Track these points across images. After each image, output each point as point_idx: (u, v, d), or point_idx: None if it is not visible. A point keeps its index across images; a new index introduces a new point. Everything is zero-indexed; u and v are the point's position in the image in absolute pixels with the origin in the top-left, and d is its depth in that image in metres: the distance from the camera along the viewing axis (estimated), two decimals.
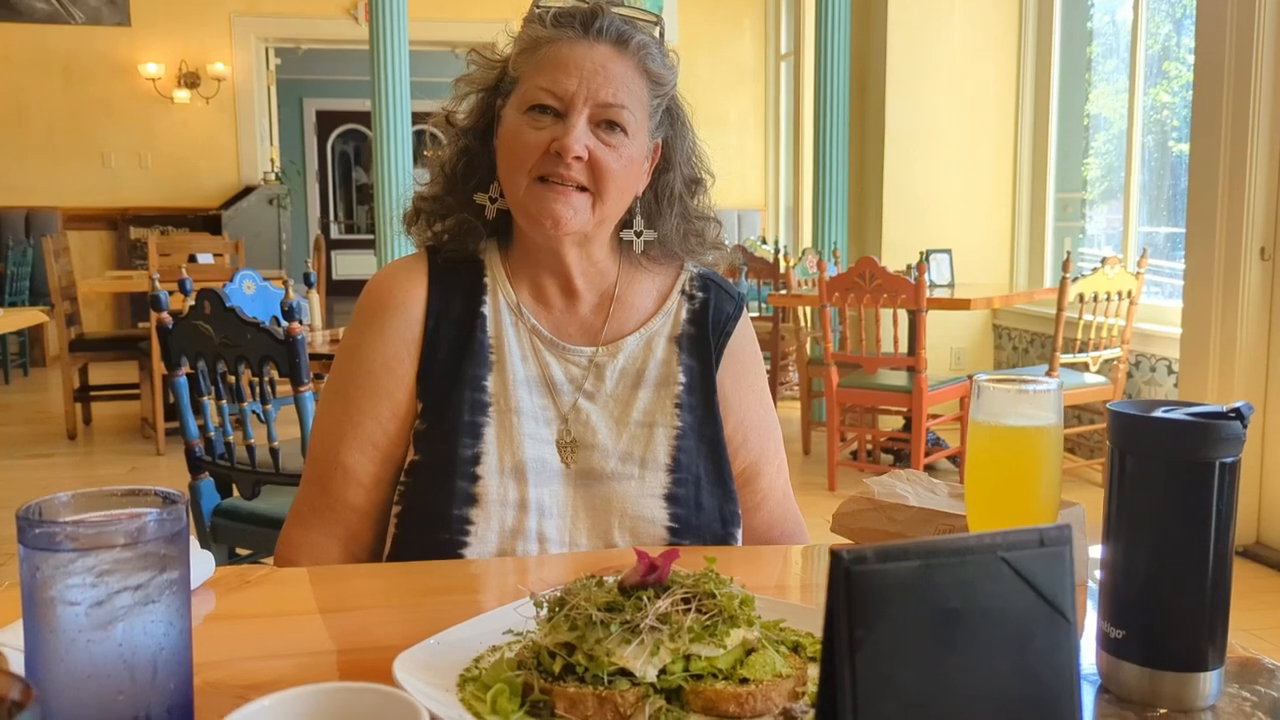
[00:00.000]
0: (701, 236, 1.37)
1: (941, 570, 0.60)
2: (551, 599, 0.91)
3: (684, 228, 1.36)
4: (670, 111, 1.33)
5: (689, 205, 1.37)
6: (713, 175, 1.40)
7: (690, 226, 1.36)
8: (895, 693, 0.59)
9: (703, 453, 1.27)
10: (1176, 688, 0.88)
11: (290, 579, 1.26)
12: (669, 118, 1.33)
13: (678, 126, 1.34)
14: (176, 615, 0.80)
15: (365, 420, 1.29)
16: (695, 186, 1.34)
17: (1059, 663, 0.62)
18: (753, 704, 0.84)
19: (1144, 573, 0.88)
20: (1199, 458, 0.85)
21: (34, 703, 0.51)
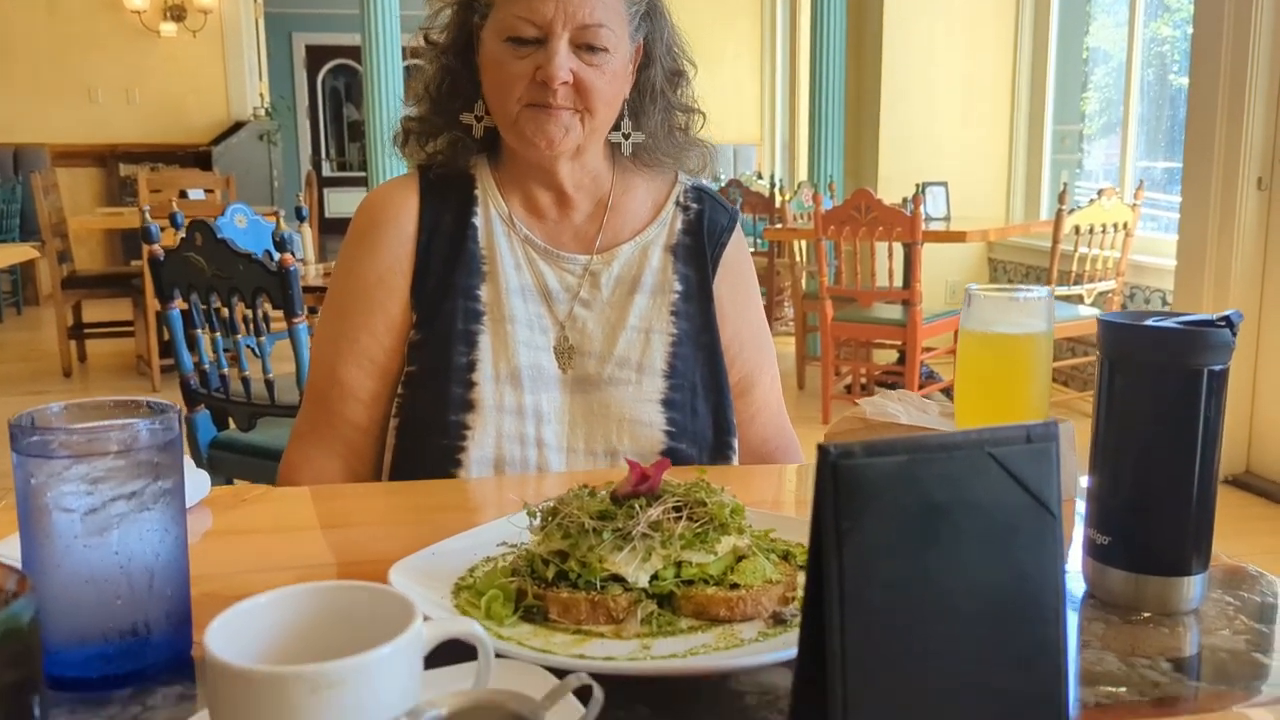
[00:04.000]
0: (686, 130, 1.38)
1: (928, 465, 0.61)
2: (545, 509, 0.92)
3: (668, 121, 1.37)
4: (648, 11, 1.32)
5: (672, 98, 1.37)
6: (695, 65, 1.39)
7: (674, 119, 1.37)
8: (881, 585, 0.60)
9: (699, 360, 1.29)
10: (1161, 592, 0.89)
11: (287, 497, 1.27)
12: (647, 18, 1.32)
13: (656, 21, 1.33)
14: (171, 523, 0.80)
15: (361, 336, 1.30)
16: (677, 79, 1.35)
17: (1044, 558, 0.63)
18: (743, 608, 0.86)
19: (1131, 480, 0.89)
20: (1188, 365, 0.86)
21: (30, 592, 0.51)
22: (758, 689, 0.79)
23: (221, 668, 0.57)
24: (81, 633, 0.77)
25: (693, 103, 1.40)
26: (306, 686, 0.56)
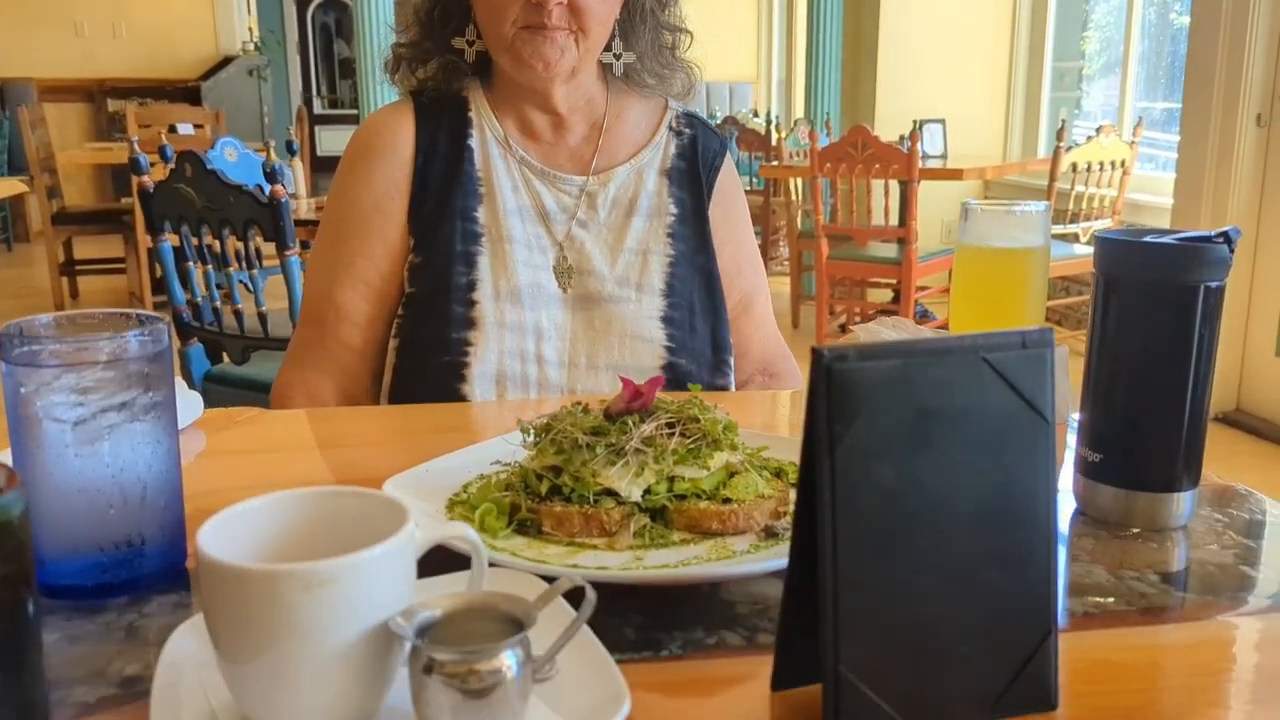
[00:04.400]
0: (674, 49, 1.40)
1: (922, 369, 0.60)
2: (538, 425, 0.92)
3: (657, 41, 1.37)
4: None
5: (660, 17, 1.38)
6: None
7: (662, 39, 1.38)
8: (873, 488, 0.60)
9: (696, 281, 1.32)
10: (1150, 508, 0.90)
11: (280, 418, 1.26)
12: None
13: None
14: (163, 435, 0.80)
15: (357, 259, 1.30)
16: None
17: (1036, 463, 0.63)
18: (734, 522, 0.86)
19: (1125, 396, 0.89)
20: (1185, 280, 0.85)
21: (19, 487, 0.51)
22: (749, 599, 0.79)
23: (214, 566, 0.57)
24: (76, 543, 0.77)
25: (680, 22, 1.41)
26: (299, 584, 0.56)
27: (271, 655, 0.57)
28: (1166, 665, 0.71)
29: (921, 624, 0.61)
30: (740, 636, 0.74)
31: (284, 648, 0.57)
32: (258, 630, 0.57)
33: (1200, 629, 0.75)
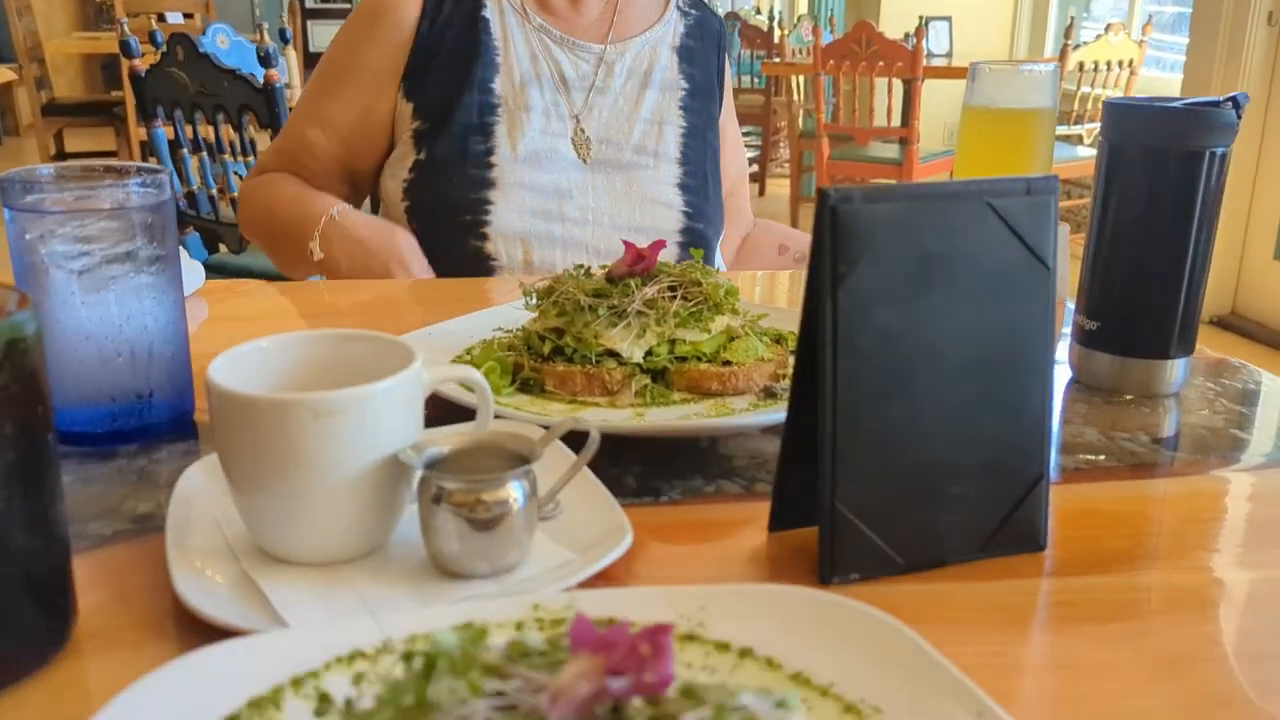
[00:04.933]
0: None
1: (926, 212, 0.61)
2: (540, 288, 0.93)
3: None
4: None
5: None
6: None
7: None
8: (874, 329, 0.61)
9: (706, 154, 1.36)
10: (1145, 375, 0.91)
11: (284, 290, 1.27)
12: None
13: None
14: (169, 286, 0.81)
15: (333, 105, 1.32)
16: None
17: (1035, 310, 0.64)
18: (734, 383, 0.87)
19: (1125, 264, 0.89)
20: (1191, 145, 0.85)
21: (31, 308, 0.52)
22: (747, 453, 0.81)
23: (225, 396, 0.58)
24: (86, 391, 0.78)
25: None
26: (308, 414, 0.57)
27: (282, 486, 0.59)
28: (1154, 515, 0.73)
29: (917, 465, 0.63)
30: (738, 485, 0.75)
31: (294, 478, 0.58)
32: (268, 460, 0.58)
33: (1189, 483, 0.77)
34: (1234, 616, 0.61)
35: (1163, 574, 0.65)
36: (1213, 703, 0.53)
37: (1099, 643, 0.57)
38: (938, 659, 0.49)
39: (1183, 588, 0.63)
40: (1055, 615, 0.60)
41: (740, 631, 0.53)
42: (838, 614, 0.53)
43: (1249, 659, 0.56)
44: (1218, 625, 0.60)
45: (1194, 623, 0.60)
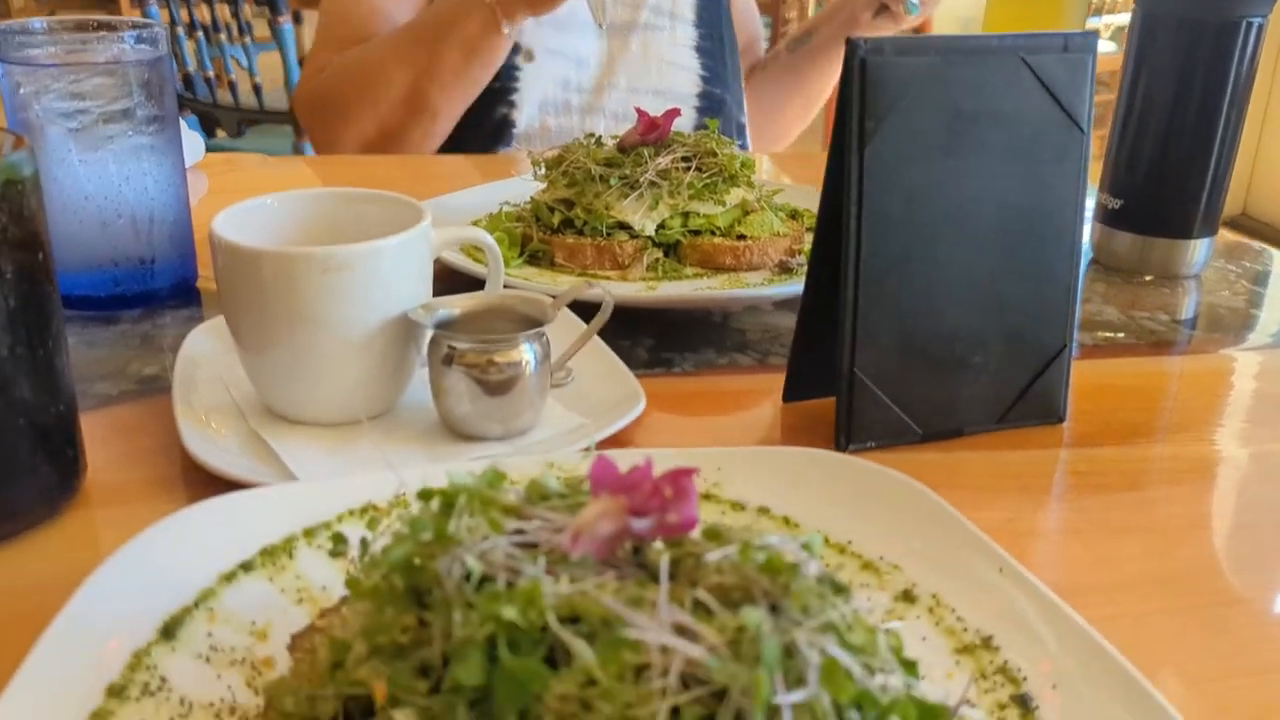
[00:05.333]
0: None
1: (960, 68, 0.58)
2: (550, 158, 0.90)
3: None
4: None
5: None
6: None
7: None
8: (900, 191, 0.59)
9: (722, 18, 1.35)
10: (1166, 255, 0.89)
11: (285, 164, 1.24)
12: None
13: None
14: (167, 148, 0.78)
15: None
16: None
17: (1067, 173, 0.62)
18: (749, 257, 0.85)
19: (1153, 141, 0.87)
20: (1228, 15, 0.82)
21: (27, 149, 0.50)
22: (760, 327, 0.80)
23: (231, 250, 0.57)
24: (88, 254, 0.77)
25: None
26: (316, 267, 0.55)
27: (290, 343, 0.58)
28: (1170, 389, 0.72)
29: (938, 332, 0.61)
30: (752, 358, 0.74)
31: (302, 335, 0.57)
32: (275, 317, 0.57)
33: (1205, 361, 0.76)
34: (1244, 487, 0.61)
35: (1177, 446, 0.64)
36: (1223, 568, 0.52)
37: (1114, 510, 0.57)
38: (958, 518, 0.48)
39: (1196, 459, 0.63)
40: (1072, 484, 0.60)
41: (756, 492, 0.52)
42: (855, 475, 0.52)
43: (1257, 527, 0.56)
44: (1229, 495, 0.60)
45: (1206, 492, 0.60)
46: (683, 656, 0.30)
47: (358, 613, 0.36)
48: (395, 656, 0.33)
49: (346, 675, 0.34)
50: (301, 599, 0.45)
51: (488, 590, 0.31)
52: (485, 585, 0.32)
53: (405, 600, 0.34)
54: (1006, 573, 0.45)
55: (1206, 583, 0.51)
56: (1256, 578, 0.52)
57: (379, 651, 0.34)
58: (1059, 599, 0.43)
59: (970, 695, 0.40)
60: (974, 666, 0.42)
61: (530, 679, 0.30)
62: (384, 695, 0.32)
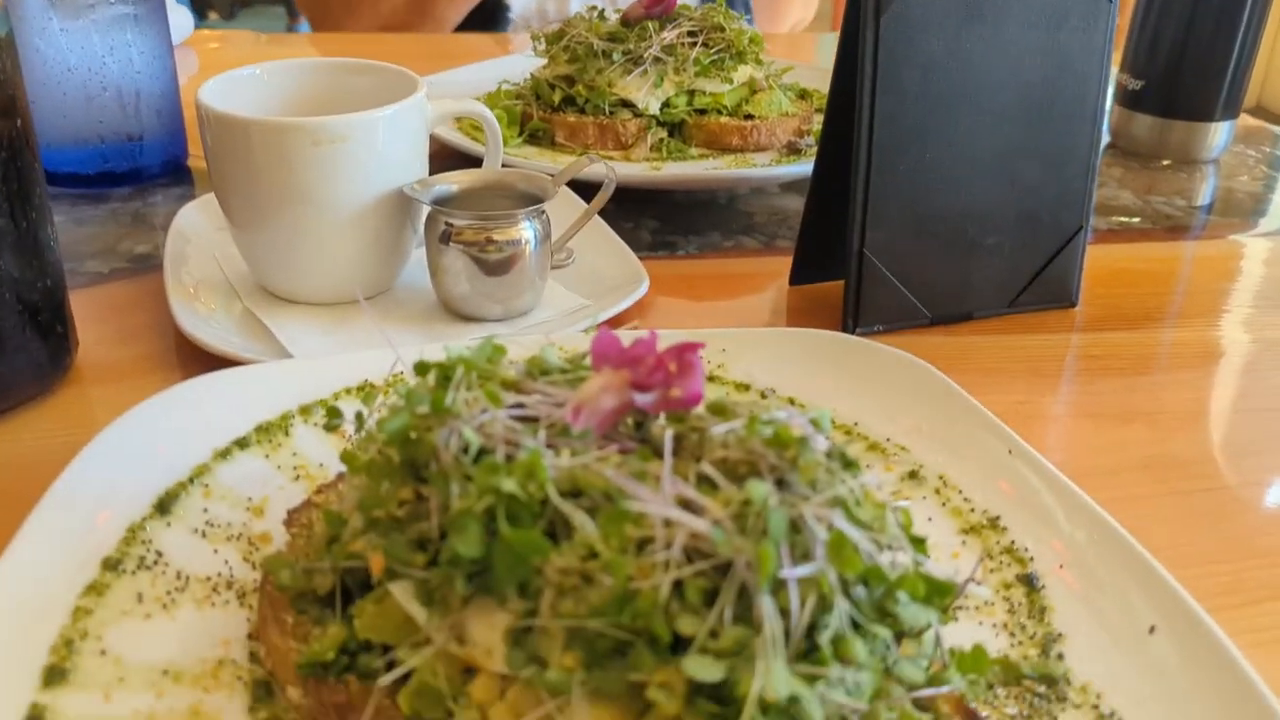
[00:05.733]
0: None
1: None
2: (550, 32, 0.87)
3: None
4: None
5: None
6: None
7: None
8: (917, 63, 0.56)
9: None
10: (1185, 138, 0.86)
11: (281, 41, 1.20)
12: None
13: None
14: (152, 19, 0.75)
15: None
16: None
17: (1092, 45, 0.59)
18: (756, 137, 0.83)
19: (1179, 15, 0.83)
20: None
21: (3, 10, 0.47)
22: (767, 210, 0.78)
23: (220, 120, 0.54)
24: (74, 130, 0.74)
25: None
26: (308, 138, 0.53)
27: (283, 220, 0.56)
28: (1183, 274, 0.71)
29: (952, 212, 0.60)
30: (758, 241, 0.73)
31: (295, 211, 0.55)
32: (266, 192, 0.55)
33: (1219, 245, 0.74)
34: (1253, 372, 0.60)
35: (1188, 332, 0.63)
36: (1231, 451, 0.52)
37: (1124, 395, 0.56)
38: (967, 399, 0.47)
39: (1207, 344, 0.62)
40: (1082, 368, 0.59)
41: (761, 373, 0.51)
42: (863, 356, 0.51)
43: (1265, 411, 0.55)
44: (1238, 380, 0.59)
45: (1215, 377, 0.59)
46: (686, 530, 0.29)
47: (354, 487, 0.36)
48: (392, 530, 0.32)
49: (343, 548, 0.33)
50: (298, 476, 0.44)
51: (486, 462, 0.30)
52: (483, 458, 0.31)
53: (402, 474, 0.33)
54: (1015, 454, 0.44)
55: (1215, 466, 0.50)
56: (1264, 461, 0.51)
57: (375, 525, 0.33)
58: (1068, 479, 0.42)
59: (976, 574, 0.40)
60: (980, 546, 0.41)
61: (530, 551, 0.30)
62: (381, 568, 0.31)
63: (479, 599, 0.31)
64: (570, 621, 0.29)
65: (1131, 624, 0.37)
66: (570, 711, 0.30)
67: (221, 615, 0.37)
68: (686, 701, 0.28)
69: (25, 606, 0.36)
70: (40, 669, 0.34)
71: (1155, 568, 0.38)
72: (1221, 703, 0.33)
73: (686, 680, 0.28)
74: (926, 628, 0.32)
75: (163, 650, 0.36)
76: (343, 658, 0.33)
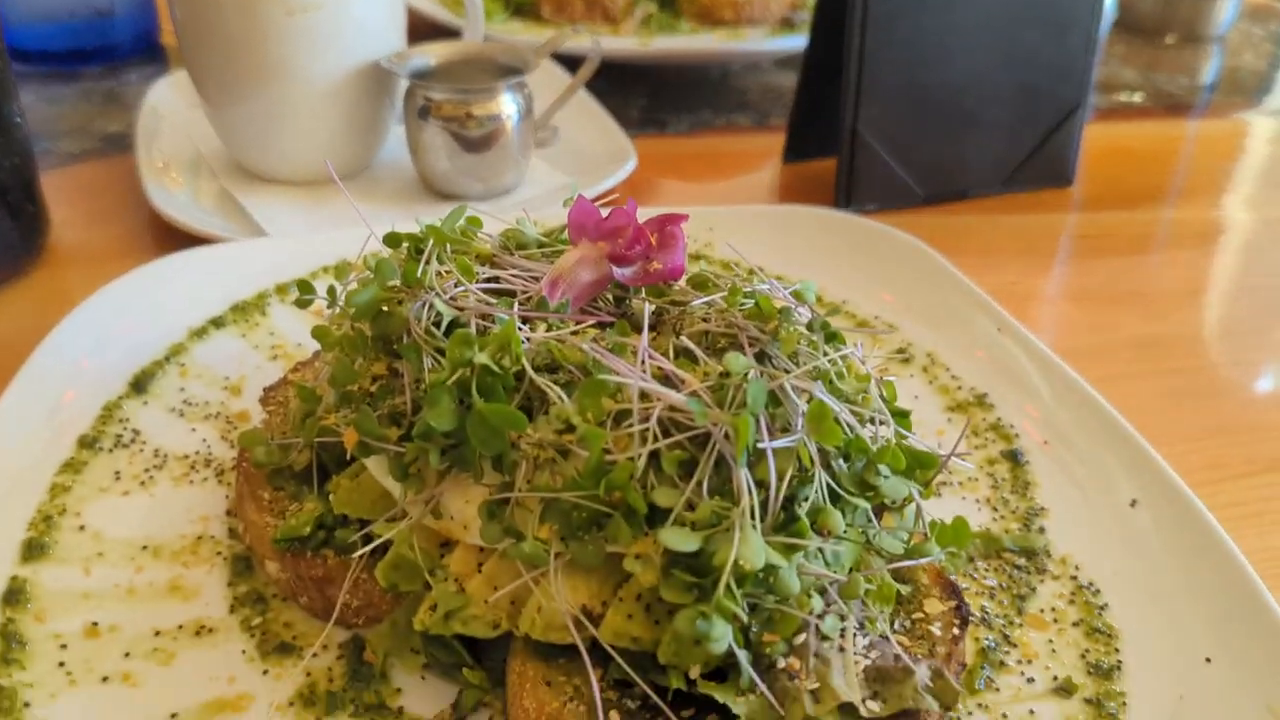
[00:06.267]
0: None
1: None
2: None
3: None
4: None
5: None
6: None
7: None
8: None
9: None
10: (1191, 13, 0.83)
11: None
12: None
13: None
14: None
15: None
16: None
17: None
18: (749, 11, 0.80)
19: None
20: None
21: None
22: (761, 87, 0.75)
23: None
24: (44, 5, 0.72)
25: None
26: (281, 7, 0.51)
27: (257, 95, 0.54)
28: (1185, 153, 0.69)
29: (949, 86, 0.58)
30: (750, 119, 0.71)
31: (271, 86, 0.53)
32: (240, 65, 0.53)
33: (1221, 125, 0.73)
34: (1251, 252, 0.59)
35: (1187, 211, 0.62)
36: (1223, 330, 0.51)
37: (1118, 275, 0.55)
38: (958, 277, 0.47)
39: (1205, 224, 0.60)
40: (1078, 249, 0.58)
41: (748, 252, 0.50)
42: (853, 232, 0.50)
43: (1260, 291, 0.55)
44: (1235, 260, 0.58)
45: (1212, 257, 0.58)
46: (665, 403, 0.29)
47: (327, 363, 0.35)
48: (365, 404, 0.32)
49: (315, 423, 0.33)
50: (276, 355, 0.43)
51: (458, 333, 0.29)
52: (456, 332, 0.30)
53: (375, 349, 0.33)
54: (1005, 331, 0.44)
55: (1206, 345, 0.50)
56: (1255, 340, 0.50)
57: (348, 399, 0.32)
58: (1057, 357, 0.42)
59: (960, 447, 0.39)
60: (966, 423, 0.41)
61: (504, 423, 0.29)
62: (354, 442, 0.31)
63: (454, 474, 0.31)
64: (546, 493, 0.29)
65: (1113, 498, 0.37)
66: (547, 583, 0.30)
67: (200, 492, 0.37)
68: (663, 572, 0.28)
69: (0, 483, 0.35)
70: (18, 543, 0.34)
71: (1139, 442, 0.38)
72: (1201, 574, 0.33)
73: (663, 551, 0.28)
74: (908, 501, 0.32)
75: (141, 526, 0.36)
76: (320, 532, 0.33)
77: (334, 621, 0.32)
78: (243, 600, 0.34)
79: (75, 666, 0.31)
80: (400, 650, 0.33)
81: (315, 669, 0.32)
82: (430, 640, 0.32)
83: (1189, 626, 0.32)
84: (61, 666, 0.31)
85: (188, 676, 0.31)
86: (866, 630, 0.31)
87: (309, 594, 0.33)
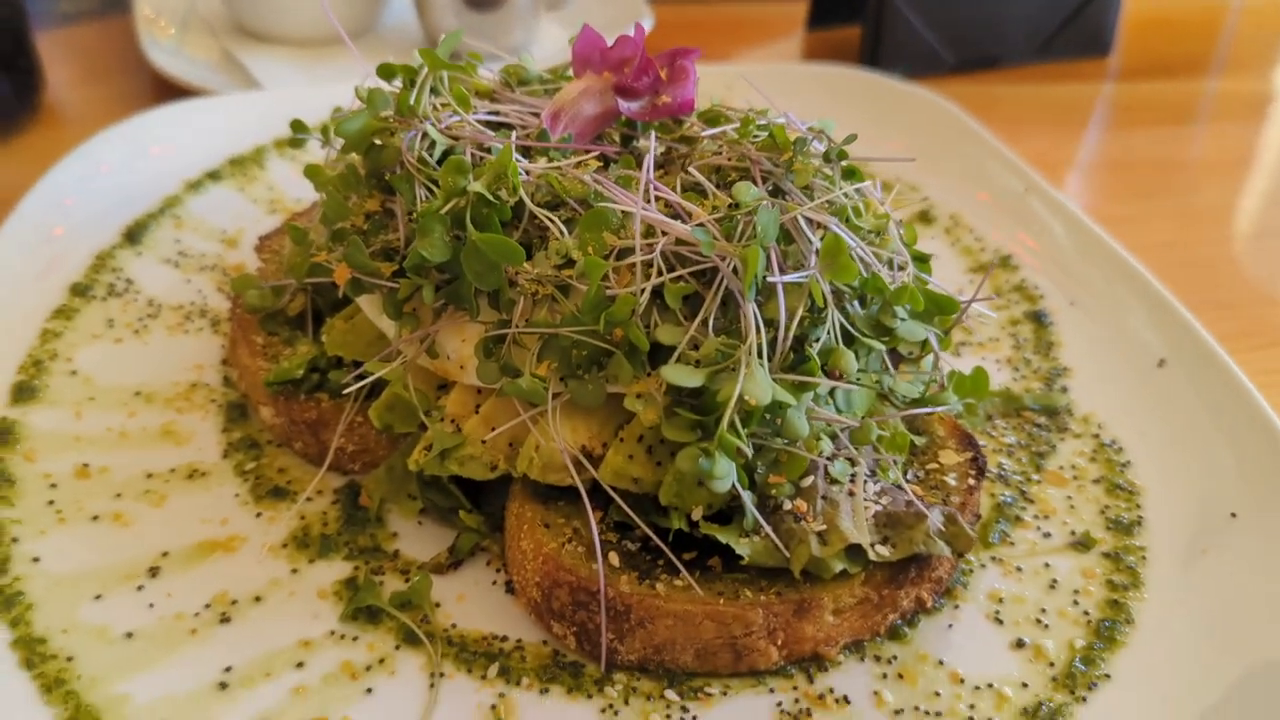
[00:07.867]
0: None
1: None
2: None
3: None
4: None
5: None
6: None
7: None
8: None
9: None
10: None
11: None
12: None
13: None
14: None
15: None
16: None
17: None
18: None
19: None
20: None
21: None
22: None
23: None
24: None
25: None
26: None
27: None
28: (1230, 23, 0.66)
29: None
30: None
31: None
32: None
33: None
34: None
35: (1232, 82, 0.59)
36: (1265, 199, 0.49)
37: (1155, 145, 0.53)
38: (985, 137, 0.44)
39: (1251, 96, 0.57)
40: (1114, 119, 0.55)
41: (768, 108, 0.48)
42: (876, 91, 0.48)
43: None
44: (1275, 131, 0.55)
45: (1258, 129, 0.55)
46: (670, 236, 0.27)
47: (321, 203, 0.34)
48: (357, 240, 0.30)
49: (306, 260, 0.32)
50: (275, 209, 0.42)
51: (451, 160, 0.28)
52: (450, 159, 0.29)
53: (368, 185, 0.31)
54: (1032, 191, 0.42)
55: (1245, 215, 0.48)
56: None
57: (340, 236, 0.31)
58: (1087, 216, 0.40)
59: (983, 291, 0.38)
60: (990, 285, 0.39)
61: (499, 255, 0.28)
62: (346, 278, 0.30)
63: (450, 312, 0.30)
64: (544, 329, 0.28)
65: (1141, 358, 0.35)
66: (545, 423, 0.29)
67: (195, 341, 0.36)
68: (666, 411, 0.27)
69: None
70: (8, 386, 0.33)
71: (1170, 301, 0.36)
72: (1230, 431, 0.32)
73: (665, 389, 0.27)
74: (926, 349, 0.31)
75: (135, 373, 0.35)
76: (313, 375, 0.32)
77: (328, 466, 0.32)
78: (236, 446, 0.33)
79: (65, 505, 0.31)
80: (396, 495, 0.32)
81: (309, 513, 0.32)
82: (427, 484, 0.31)
83: (1214, 483, 0.31)
84: (51, 505, 0.31)
85: (180, 518, 0.31)
86: (878, 477, 0.30)
87: (303, 439, 0.32)
